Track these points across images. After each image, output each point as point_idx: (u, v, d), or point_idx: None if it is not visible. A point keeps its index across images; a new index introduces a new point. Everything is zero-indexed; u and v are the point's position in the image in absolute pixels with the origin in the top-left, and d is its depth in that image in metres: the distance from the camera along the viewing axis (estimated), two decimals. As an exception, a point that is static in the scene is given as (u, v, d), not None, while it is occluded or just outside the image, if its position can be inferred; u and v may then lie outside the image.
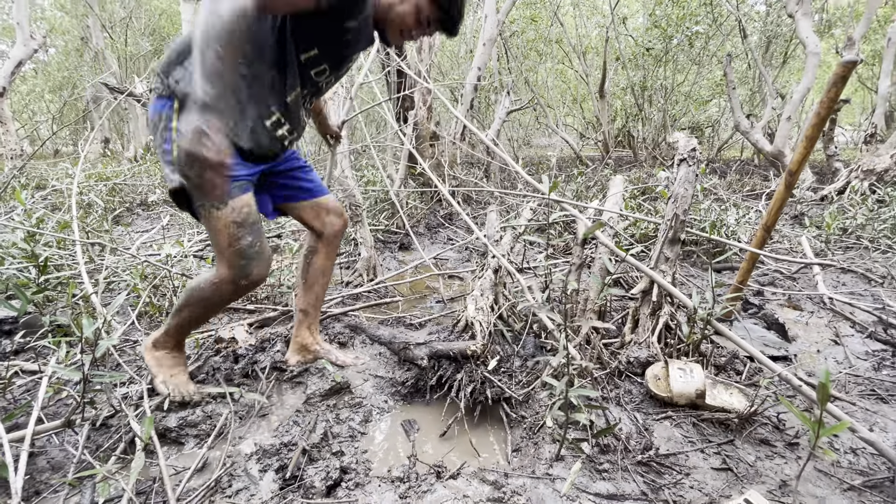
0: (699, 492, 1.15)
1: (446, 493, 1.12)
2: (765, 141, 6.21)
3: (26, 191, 3.99)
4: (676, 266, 1.72)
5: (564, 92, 11.02)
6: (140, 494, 1.10)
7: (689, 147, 1.71)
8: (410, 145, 3.10)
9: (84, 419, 1.29)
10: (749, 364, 1.71)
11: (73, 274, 2.26)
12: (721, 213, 3.30)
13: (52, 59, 12.66)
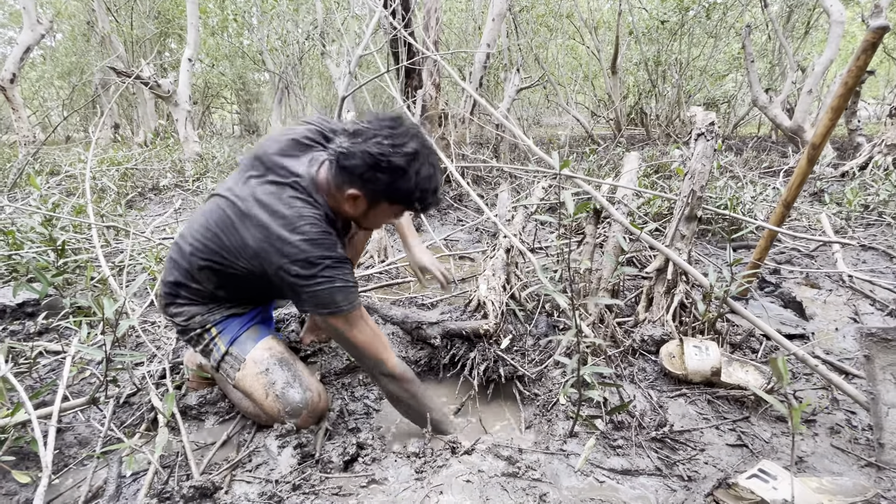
0: (714, 467, 1.15)
1: (461, 467, 1.13)
2: (784, 116, 6.01)
3: (41, 176, 4.04)
4: (692, 243, 1.69)
5: (575, 69, 10.74)
6: (165, 468, 1.13)
7: (707, 121, 1.66)
8: (420, 123, 3.06)
9: (108, 397, 1.32)
10: (765, 342, 1.69)
11: (90, 257, 2.30)
12: (737, 190, 3.22)
13: (59, 45, 12.66)
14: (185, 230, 1.24)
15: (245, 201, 1.10)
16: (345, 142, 1.07)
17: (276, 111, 10.71)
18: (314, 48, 9.58)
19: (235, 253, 1.13)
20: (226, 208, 1.13)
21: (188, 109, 5.78)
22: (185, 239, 1.22)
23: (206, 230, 1.17)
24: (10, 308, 1.81)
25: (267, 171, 1.13)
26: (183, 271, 1.22)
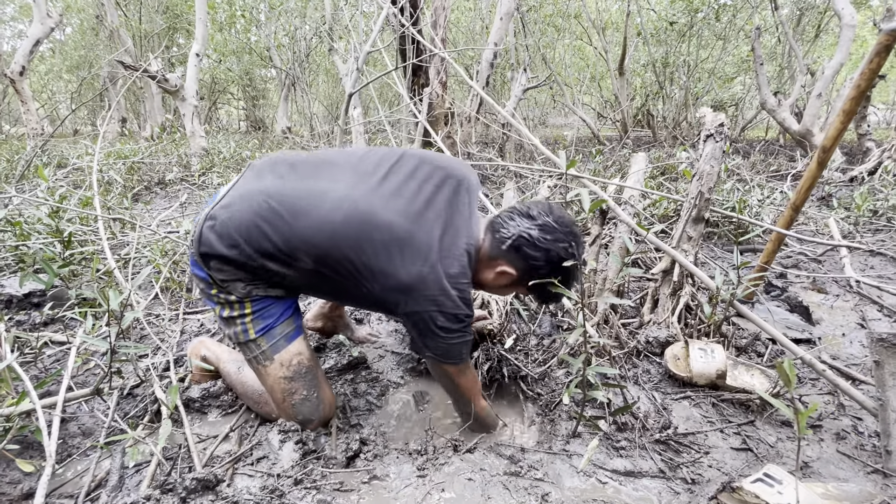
0: (718, 470, 1.14)
1: (463, 465, 1.13)
2: (792, 119, 5.97)
3: (48, 169, 4.06)
4: (699, 246, 1.68)
5: (582, 69, 10.70)
6: (168, 460, 1.13)
7: (717, 122, 1.64)
8: (425, 121, 3.05)
9: (111, 388, 1.33)
10: (771, 346, 1.67)
11: (96, 249, 2.31)
12: (744, 193, 3.20)
13: (68, 39, 12.72)
14: (299, 207, 1.05)
15: (414, 234, 1.02)
16: (532, 230, 1.07)
17: (283, 107, 10.73)
18: (321, 45, 9.59)
19: (369, 272, 1.03)
20: (381, 227, 1.02)
21: (195, 104, 5.80)
22: (298, 218, 1.04)
23: (342, 233, 1.02)
24: (17, 298, 1.82)
25: (449, 215, 1.08)
26: (272, 244, 1.05)
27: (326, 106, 11.19)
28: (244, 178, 1.16)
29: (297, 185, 1.09)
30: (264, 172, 1.14)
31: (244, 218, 1.06)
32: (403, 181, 1.09)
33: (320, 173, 1.11)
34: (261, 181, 1.12)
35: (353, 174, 1.09)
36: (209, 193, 4.06)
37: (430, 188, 1.09)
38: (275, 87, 13.90)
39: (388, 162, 1.13)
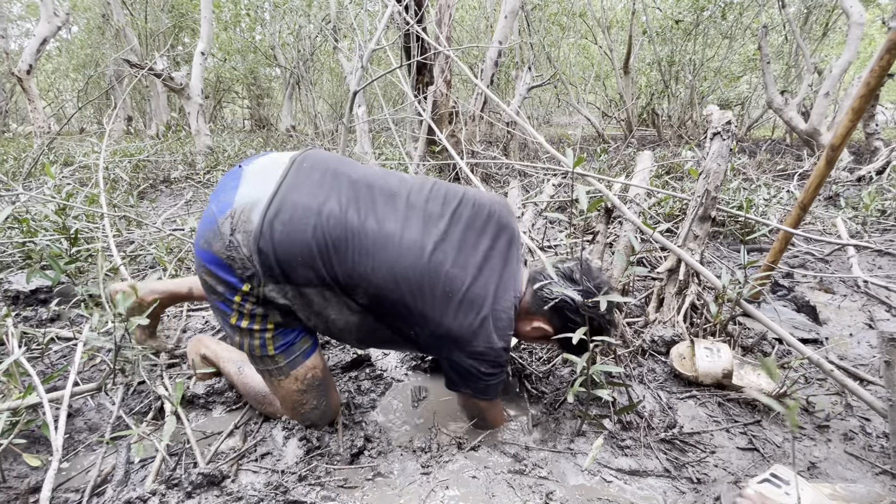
0: (724, 470, 1.13)
1: (468, 463, 1.13)
2: (799, 118, 5.92)
3: (55, 166, 4.09)
4: (705, 244, 1.66)
5: (587, 68, 10.66)
6: (172, 455, 1.14)
7: (724, 120, 1.63)
8: (429, 118, 3.05)
9: (116, 384, 1.33)
10: (778, 346, 1.66)
11: (102, 246, 2.32)
12: (751, 192, 3.18)
13: (74, 37, 12.80)
14: (364, 246, 1.02)
15: (472, 288, 1.06)
16: (574, 295, 1.12)
17: (287, 106, 10.75)
18: (325, 43, 9.60)
19: (423, 318, 1.05)
20: (446, 279, 1.04)
21: (200, 103, 5.82)
22: (363, 256, 1.02)
23: (407, 278, 1.03)
24: (24, 294, 1.84)
25: (503, 269, 1.12)
26: (331, 276, 1.03)
27: (331, 104, 11.20)
28: (294, 180, 1.06)
29: (363, 222, 1.03)
30: (319, 185, 1.06)
31: (304, 242, 1.00)
32: (466, 230, 1.11)
33: (386, 210, 1.07)
34: (316, 198, 1.03)
35: (422, 217, 1.09)
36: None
37: (487, 241, 1.12)
38: (279, 86, 13.93)
39: (451, 205, 1.12)
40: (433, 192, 1.14)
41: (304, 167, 1.09)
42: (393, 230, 1.04)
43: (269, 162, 1.12)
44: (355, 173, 1.12)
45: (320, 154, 1.16)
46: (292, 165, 1.09)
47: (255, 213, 1.01)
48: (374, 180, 1.12)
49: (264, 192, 1.04)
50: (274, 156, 1.14)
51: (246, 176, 1.09)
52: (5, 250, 2.14)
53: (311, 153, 1.15)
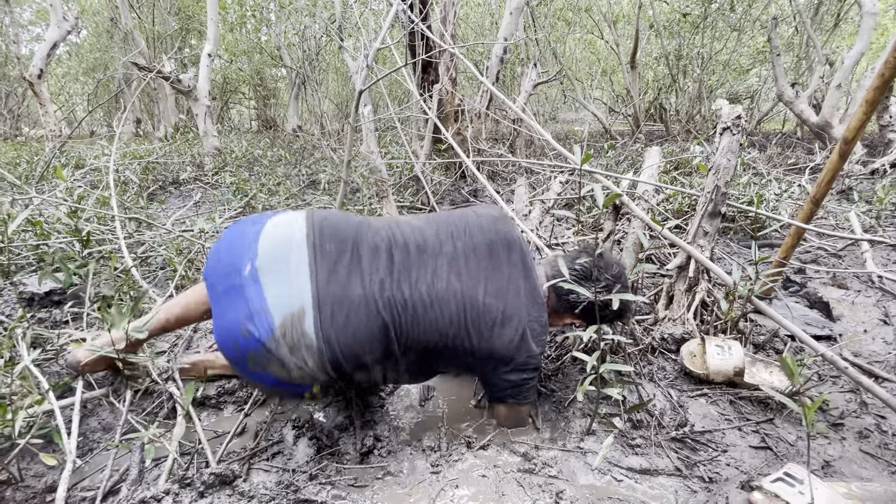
0: (736, 469, 1.12)
1: (477, 462, 1.13)
2: (810, 111, 5.83)
3: (67, 169, 4.14)
4: (715, 241, 1.65)
5: (593, 64, 10.58)
6: (185, 455, 1.15)
7: (734, 115, 1.61)
8: (434, 117, 3.04)
9: (126, 387, 1.35)
10: (790, 343, 1.64)
11: (113, 248, 2.35)
12: (761, 187, 3.14)
13: (83, 41, 12.95)
14: (412, 315, 1.07)
15: (506, 310, 1.13)
16: (600, 293, 1.20)
17: (293, 106, 10.80)
18: (331, 43, 9.62)
19: (469, 350, 1.12)
20: (484, 312, 1.11)
21: (207, 104, 5.87)
22: (413, 324, 1.07)
23: (451, 324, 1.09)
24: (38, 296, 1.87)
25: (527, 285, 1.18)
26: (388, 350, 1.07)
27: (337, 104, 11.23)
28: (327, 270, 1.02)
29: (409, 295, 1.06)
30: (353, 268, 1.04)
31: (367, 335, 1.02)
32: (483, 258, 1.16)
33: (419, 272, 1.09)
34: (359, 285, 1.03)
35: (447, 263, 1.13)
36: (221, 193, 4.10)
37: (504, 262, 1.17)
38: (285, 86, 13.99)
39: (463, 239, 1.17)
40: (444, 230, 1.18)
41: (329, 251, 1.05)
42: (429, 289, 1.09)
43: (283, 247, 1.03)
44: (375, 238, 1.11)
45: (332, 225, 1.10)
46: (315, 252, 1.03)
47: (307, 325, 0.97)
48: (395, 239, 1.13)
49: (301, 294, 0.98)
50: (279, 234, 1.06)
51: (265, 272, 1.00)
52: (20, 253, 2.17)
53: (325, 227, 1.08)
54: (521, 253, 1.20)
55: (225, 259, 1.05)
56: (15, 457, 1.07)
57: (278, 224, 1.09)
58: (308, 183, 4.44)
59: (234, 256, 1.03)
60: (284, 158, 5.06)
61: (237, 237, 1.08)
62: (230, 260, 1.04)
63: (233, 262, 1.03)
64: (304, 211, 1.15)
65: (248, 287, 0.99)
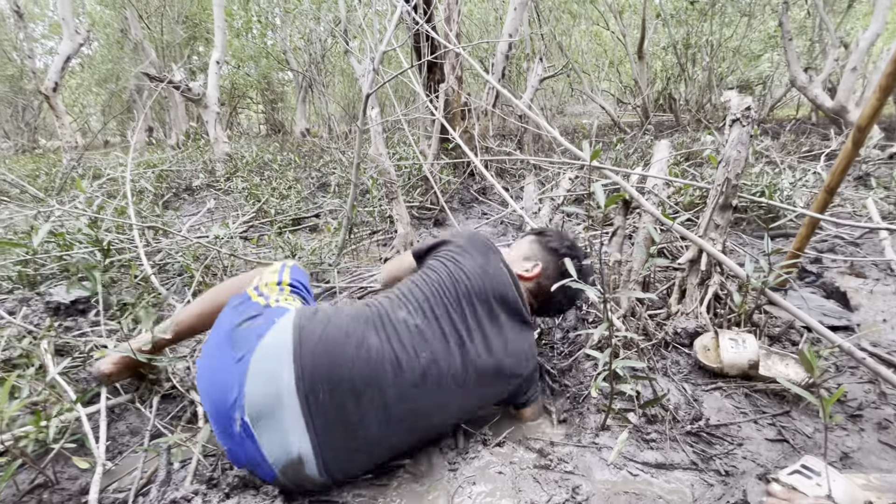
0: (752, 462, 1.12)
1: (493, 459, 1.15)
2: (825, 96, 5.70)
3: (85, 180, 4.24)
4: (727, 233, 1.64)
5: (600, 55, 10.47)
6: (210, 457, 1.19)
7: (743, 106, 1.59)
8: (441, 117, 3.06)
9: (151, 393, 1.40)
10: (806, 334, 1.63)
11: (132, 256, 2.41)
12: (774, 176, 3.09)
13: (95, 53, 13.20)
14: (432, 413, 1.08)
15: (519, 358, 1.19)
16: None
17: (301, 109, 10.89)
18: (336, 45, 9.67)
19: (495, 399, 1.22)
20: (505, 374, 1.16)
21: (217, 111, 5.95)
22: (435, 413, 1.08)
23: (482, 399, 1.18)
24: (65, 305, 1.93)
25: (517, 323, 1.23)
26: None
27: (343, 106, 11.30)
28: (324, 422, 0.96)
29: (405, 416, 1.03)
30: (348, 413, 0.98)
31: (367, 465, 1.07)
32: (486, 320, 1.16)
33: (413, 376, 1.03)
34: (356, 432, 0.99)
35: (455, 339, 1.10)
36: (234, 198, 4.17)
37: (503, 317, 1.19)
38: (292, 90, 14.11)
39: (454, 309, 1.14)
40: (427, 304, 1.13)
41: (322, 400, 0.95)
42: (429, 390, 1.05)
43: (272, 399, 0.94)
44: (362, 353, 1.00)
45: (324, 365, 0.97)
46: (308, 405, 0.94)
47: (307, 469, 0.97)
48: (398, 370, 1.02)
49: (299, 445, 0.95)
50: (266, 383, 0.95)
51: (258, 425, 0.94)
52: (45, 264, 2.24)
53: (316, 369, 0.96)
54: (504, 294, 1.20)
55: (216, 404, 0.97)
56: (50, 461, 1.12)
57: (264, 362, 0.97)
58: (318, 186, 4.49)
59: (222, 404, 0.96)
60: (294, 162, 5.12)
61: (221, 376, 0.98)
62: (219, 409, 0.96)
63: (221, 412, 0.96)
64: (291, 336, 0.99)
65: (243, 440, 0.95)
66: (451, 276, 1.17)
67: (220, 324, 1.10)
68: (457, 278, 1.17)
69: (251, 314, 1.08)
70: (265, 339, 1.00)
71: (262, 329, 1.02)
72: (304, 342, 0.99)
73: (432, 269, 1.21)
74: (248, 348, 0.98)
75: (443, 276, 1.18)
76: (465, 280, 1.17)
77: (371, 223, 3.25)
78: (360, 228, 3.21)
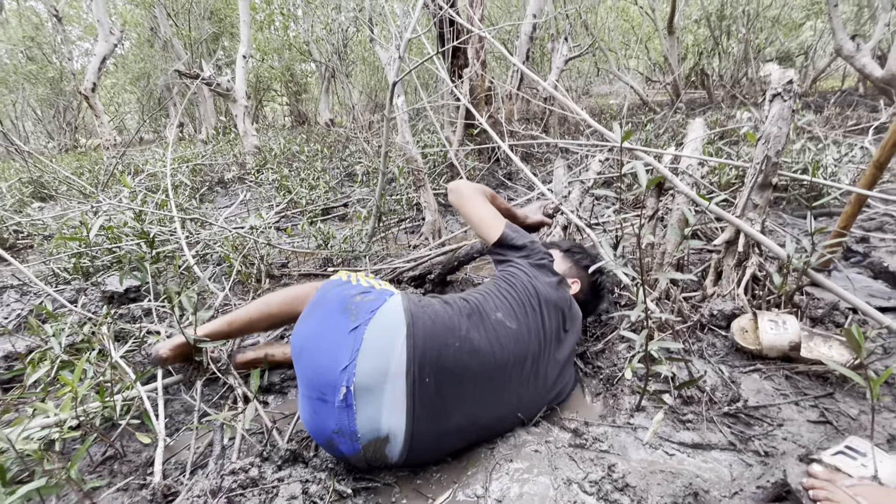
0: (793, 443, 1.11)
1: (529, 438, 1.17)
2: (874, 65, 5.34)
3: (128, 176, 4.44)
4: (766, 213, 1.59)
5: (627, 32, 10.10)
6: (257, 434, 1.26)
7: (785, 80, 1.53)
8: (467, 102, 3.04)
9: (198, 376, 1.48)
10: (851, 316, 1.57)
11: (175, 247, 2.54)
12: (817, 153, 2.95)
13: (128, 53, 13.67)
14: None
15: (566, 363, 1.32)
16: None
17: (324, 100, 11.00)
18: (357, 34, 9.68)
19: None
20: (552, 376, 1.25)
21: (245, 105, 6.09)
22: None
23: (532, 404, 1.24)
24: (118, 294, 2.06)
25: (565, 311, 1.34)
26: None
27: (367, 94, 11.34)
28: (422, 406, 0.99)
29: (508, 393, 1.13)
30: (446, 400, 1.03)
31: (447, 451, 1.13)
32: (556, 329, 1.26)
33: (500, 384, 1.11)
34: (449, 416, 1.04)
35: (539, 344, 1.20)
36: (266, 190, 4.29)
37: (565, 326, 1.29)
38: (315, 81, 14.24)
39: (536, 316, 1.22)
40: (516, 308, 1.21)
41: (427, 383, 0.99)
42: (514, 388, 1.15)
43: (380, 373, 0.97)
44: (466, 345, 1.06)
45: (434, 349, 1.02)
46: (414, 387, 0.98)
47: (389, 449, 1.00)
48: (482, 341, 1.09)
49: (392, 424, 0.98)
50: (379, 356, 0.98)
51: (360, 396, 0.96)
52: (97, 256, 2.39)
53: (426, 353, 1.00)
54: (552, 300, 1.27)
55: (322, 369, 0.99)
56: (118, 436, 1.21)
57: (378, 335, 1.00)
58: (345, 175, 4.56)
59: (330, 371, 0.98)
60: (321, 153, 5.20)
61: (332, 343, 1.01)
62: (325, 375, 0.98)
63: (328, 379, 0.98)
64: (403, 316, 1.04)
65: (340, 410, 0.96)
66: (531, 287, 1.26)
67: (326, 298, 1.13)
68: (537, 290, 1.26)
69: (363, 289, 1.14)
70: (379, 314, 1.04)
71: (374, 304, 1.07)
72: (417, 325, 1.03)
73: (515, 277, 1.29)
74: (363, 320, 1.02)
75: (527, 285, 1.26)
76: (543, 292, 1.27)
77: (399, 211, 3.29)
78: (389, 216, 3.26)
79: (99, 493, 1.09)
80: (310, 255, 2.67)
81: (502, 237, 1.38)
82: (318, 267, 2.54)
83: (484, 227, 1.42)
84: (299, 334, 1.10)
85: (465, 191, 1.48)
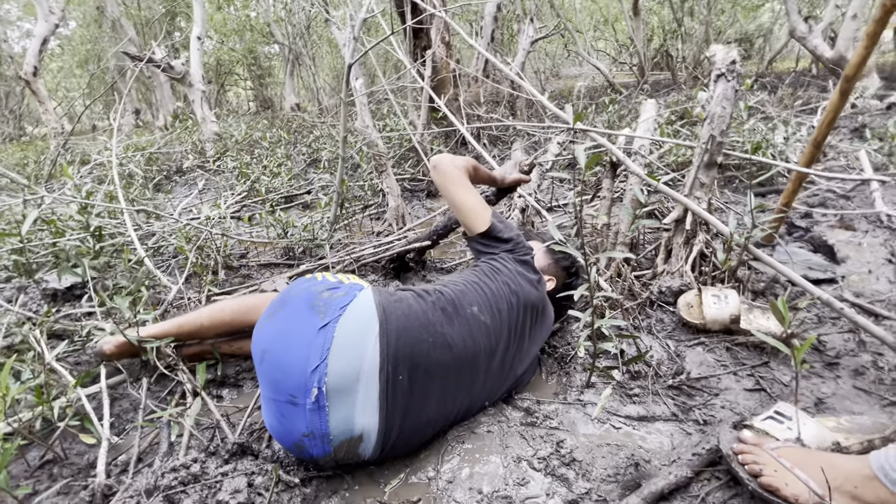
0: (730, 411, 1.17)
1: (482, 419, 1.19)
2: (825, 46, 5.53)
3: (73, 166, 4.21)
4: (713, 192, 1.64)
5: (594, 13, 10.12)
6: (208, 429, 1.24)
7: (728, 60, 1.56)
8: (427, 85, 2.99)
9: (145, 373, 1.44)
10: (790, 288, 1.65)
11: (125, 241, 2.42)
12: (767, 132, 3.05)
13: (74, 34, 12.80)
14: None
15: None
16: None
17: (289, 83, 10.64)
18: (320, 15, 9.35)
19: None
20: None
21: (203, 90, 5.82)
22: None
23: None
24: (61, 291, 1.96)
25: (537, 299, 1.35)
26: None
27: (333, 77, 11.03)
28: (395, 404, 0.98)
29: (478, 385, 1.15)
30: (419, 396, 1.02)
31: (441, 424, 1.13)
32: (529, 324, 1.27)
33: (473, 377, 1.13)
34: (422, 411, 1.03)
35: (511, 338, 1.20)
36: (226, 178, 4.14)
37: (535, 322, 1.30)
38: (279, 64, 13.73)
39: (511, 312, 1.21)
40: (492, 303, 1.19)
41: (401, 380, 0.98)
42: (483, 381, 1.16)
43: (352, 373, 0.94)
44: (440, 340, 1.04)
45: (408, 346, 0.99)
46: (388, 386, 0.96)
47: (362, 448, 0.98)
48: (456, 335, 1.08)
49: (365, 424, 0.95)
50: (351, 354, 0.95)
51: (332, 397, 0.92)
52: (38, 251, 2.26)
53: (400, 350, 0.98)
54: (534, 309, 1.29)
55: (290, 369, 0.93)
56: (57, 438, 1.16)
57: (350, 333, 0.96)
58: (309, 162, 4.45)
59: (300, 372, 0.92)
60: (283, 139, 5.05)
61: (300, 342, 0.95)
62: (294, 376, 0.93)
63: (297, 381, 0.92)
64: (375, 311, 1.01)
65: (312, 412, 0.92)
66: (512, 283, 1.25)
67: (291, 296, 1.07)
68: (518, 287, 1.25)
69: (331, 285, 1.08)
70: (349, 310, 0.99)
71: (344, 300, 1.02)
72: (389, 320, 1.00)
73: (498, 272, 1.27)
74: (332, 316, 0.97)
75: (508, 282, 1.25)
76: (519, 290, 1.26)
77: (363, 197, 3.24)
78: (352, 203, 3.21)
79: (32, 499, 1.05)
80: (268, 244, 2.61)
81: (490, 228, 1.33)
82: (278, 257, 2.48)
83: (471, 217, 1.34)
84: (262, 335, 1.03)
85: (450, 171, 1.36)
